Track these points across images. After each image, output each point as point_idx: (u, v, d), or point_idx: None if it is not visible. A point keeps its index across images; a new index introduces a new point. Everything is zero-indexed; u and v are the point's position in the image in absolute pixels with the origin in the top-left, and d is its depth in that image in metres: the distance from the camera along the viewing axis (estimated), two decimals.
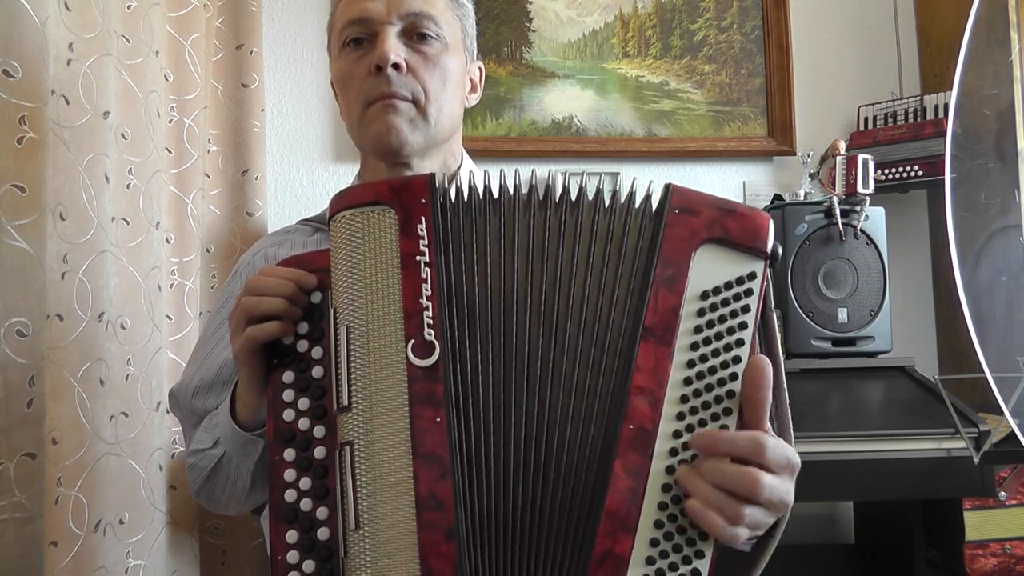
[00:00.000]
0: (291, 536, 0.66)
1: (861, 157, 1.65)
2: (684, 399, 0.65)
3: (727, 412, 0.65)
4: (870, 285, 1.65)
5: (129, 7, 1.30)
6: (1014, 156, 1.57)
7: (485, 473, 0.65)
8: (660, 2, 2.00)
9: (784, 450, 0.65)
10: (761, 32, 2.00)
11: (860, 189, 1.64)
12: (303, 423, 0.68)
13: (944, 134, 1.59)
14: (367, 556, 0.63)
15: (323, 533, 0.66)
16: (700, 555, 0.63)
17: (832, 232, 1.65)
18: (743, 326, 0.66)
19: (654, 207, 0.69)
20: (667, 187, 0.69)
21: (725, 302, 0.66)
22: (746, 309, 0.66)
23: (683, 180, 1.93)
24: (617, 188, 0.71)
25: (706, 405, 0.65)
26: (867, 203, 1.65)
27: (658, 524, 0.63)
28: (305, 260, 0.73)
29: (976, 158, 1.57)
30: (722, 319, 0.66)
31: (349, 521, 0.64)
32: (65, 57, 1.09)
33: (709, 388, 0.65)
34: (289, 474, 0.67)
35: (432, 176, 0.69)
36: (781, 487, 0.64)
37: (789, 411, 0.72)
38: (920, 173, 1.77)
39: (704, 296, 0.66)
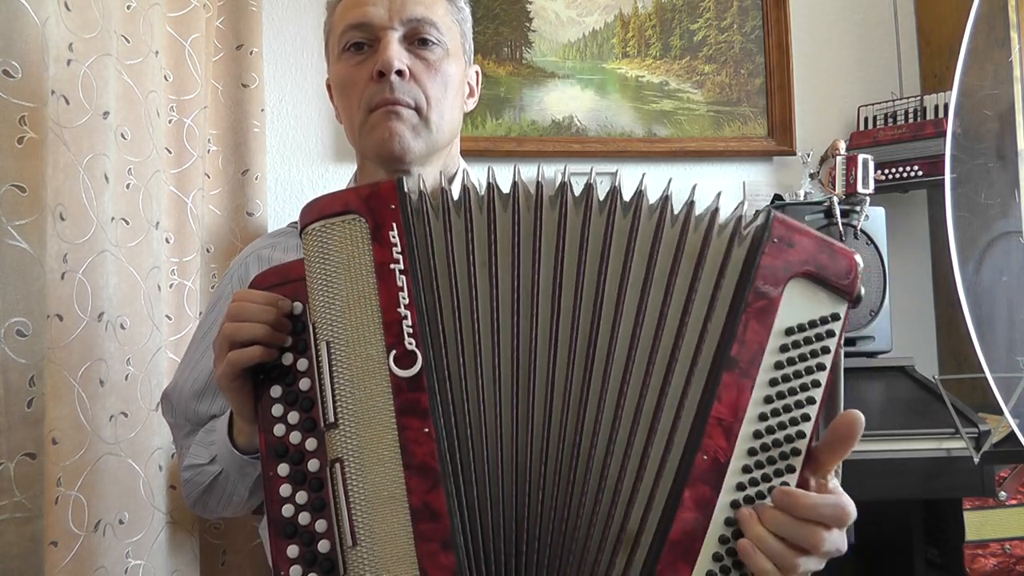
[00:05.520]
0: (292, 551, 0.65)
1: (861, 157, 1.65)
2: (757, 435, 0.63)
3: (795, 452, 0.63)
4: (870, 285, 1.65)
5: (129, 7, 1.30)
6: (1014, 156, 1.57)
7: (479, 482, 0.64)
8: (660, 2, 2.00)
9: (851, 507, 0.63)
10: (761, 32, 2.00)
11: (860, 189, 1.64)
12: (294, 437, 0.67)
13: (944, 134, 1.58)
14: (367, 573, 0.63)
15: (323, 546, 0.65)
16: None
17: (832, 232, 1.64)
18: (820, 367, 0.64)
19: (752, 231, 0.66)
20: (769, 212, 0.66)
21: (807, 340, 0.64)
22: (825, 350, 0.65)
23: (683, 180, 1.93)
24: (694, 198, 0.67)
25: (776, 443, 0.63)
26: (867, 203, 1.65)
27: (716, 557, 0.62)
28: (284, 271, 0.71)
29: (976, 158, 1.57)
30: (802, 357, 0.64)
31: (346, 538, 0.63)
32: (65, 57, 1.09)
33: (782, 426, 0.63)
34: (284, 489, 0.66)
35: (400, 180, 0.67)
36: (839, 539, 0.63)
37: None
38: (920, 173, 1.77)
39: (789, 332, 0.64)
